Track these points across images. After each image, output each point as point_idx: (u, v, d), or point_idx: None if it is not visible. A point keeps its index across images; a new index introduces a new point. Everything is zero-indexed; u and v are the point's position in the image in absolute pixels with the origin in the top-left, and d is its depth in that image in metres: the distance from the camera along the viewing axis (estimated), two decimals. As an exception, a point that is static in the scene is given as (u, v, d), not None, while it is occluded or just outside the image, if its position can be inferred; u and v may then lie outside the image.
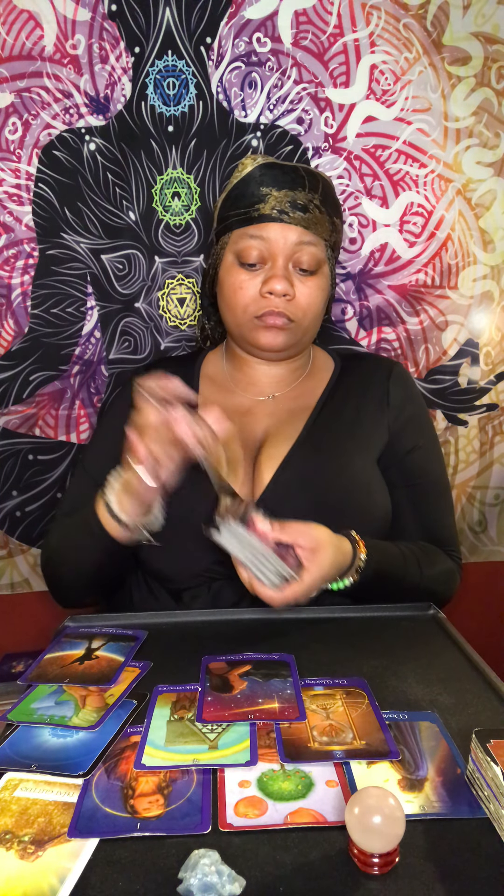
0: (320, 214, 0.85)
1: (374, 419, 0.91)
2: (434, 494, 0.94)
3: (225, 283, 0.89)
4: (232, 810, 0.49)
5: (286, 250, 0.84)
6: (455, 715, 0.60)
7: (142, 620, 0.80)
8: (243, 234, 0.86)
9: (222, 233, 0.89)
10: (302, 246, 0.85)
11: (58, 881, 0.43)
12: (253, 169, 0.86)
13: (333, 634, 0.76)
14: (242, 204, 0.85)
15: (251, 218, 0.84)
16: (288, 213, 0.83)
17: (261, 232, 0.84)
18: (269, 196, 0.83)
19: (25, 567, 1.20)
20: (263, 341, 0.87)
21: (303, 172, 0.85)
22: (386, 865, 0.43)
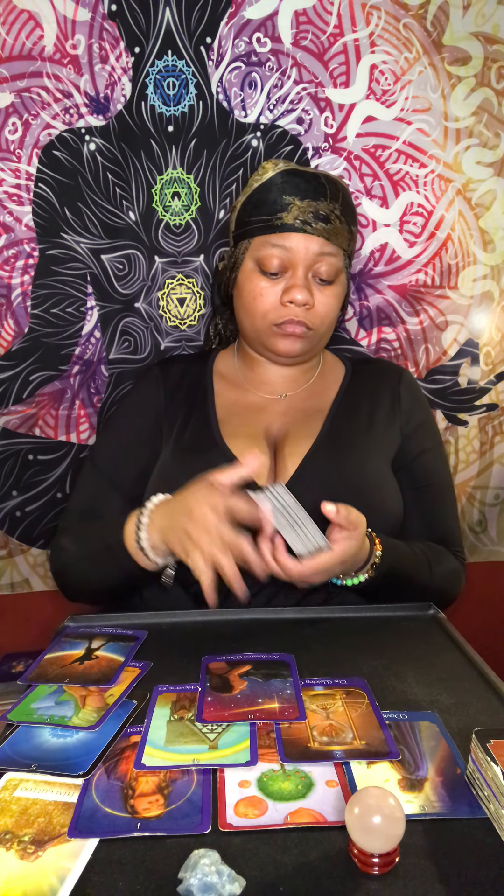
0: (340, 225, 0.86)
1: (387, 422, 0.93)
2: (440, 496, 0.95)
3: (244, 289, 0.89)
4: (232, 810, 0.49)
5: (307, 260, 0.85)
6: (455, 715, 0.60)
7: (142, 620, 0.80)
8: (265, 241, 0.86)
9: (242, 237, 0.89)
10: (322, 257, 0.85)
11: (58, 881, 0.43)
12: (274, 175, 0.86)
13: (333, 634, 0.76)
14: (264, 211, 0.85)
15: (273, 226, 0.85)
16: (311, 224, 0.83)
17: (283, 241, 0.84)
18: (291, 205, 0.84)
19: (25, 567, 1.20)
20: (281, 348, 0.89)
21: (324, 181, 0.85)
22: (386, 865, 0.43)
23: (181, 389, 0.95)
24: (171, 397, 0.95)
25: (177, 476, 0.83)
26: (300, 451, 0.87)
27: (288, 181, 0.85)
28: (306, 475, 0.85)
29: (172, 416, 0.93)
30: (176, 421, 0.92)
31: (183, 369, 0.98)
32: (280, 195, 0.84)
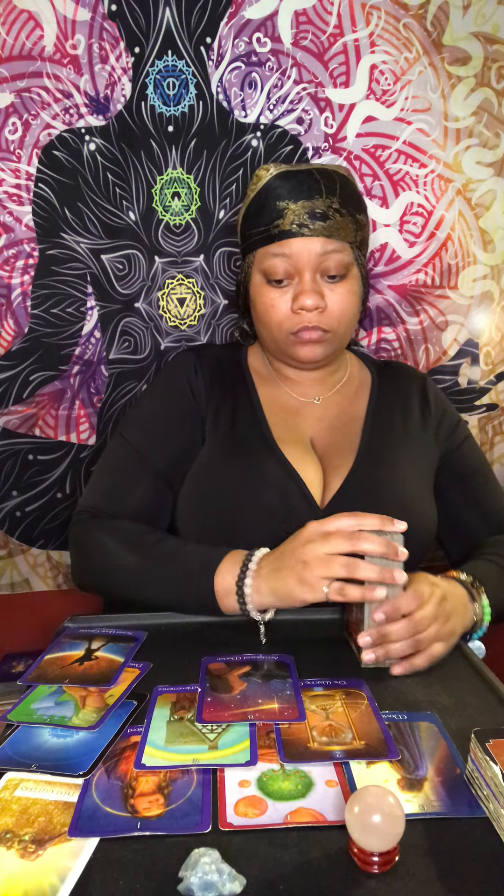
0: (341, 218, 0.83)
1: (421, 431, 0.93)
2: (487, 483, 0.95)
3: (257, 302, 0.88)
4: (232, 810, 0.49)
5: (311, 263, 0.83)
6: (454, 715, 0.61)
7: (141, 621, 0.80)
8: (266, 252, 0.84)
9: (247, 251, 0.88)
10: (327, 255, 0.82)
11: (58, 880, 0.43)
12: (268, 180, 0.84)
13: (333, 635, 0.76)
14: (262, 221, 0.84)
15: (272, 235, 0.83)
16: (308, 226, 0.81)
17: (283, 249, 0.82)
18: (286, 210, 0.81)
19: (25, 567, 1.20)
20: (302, 355, 0.87)
21: (317, 176, 0.82)
22: (385, 864, 0.44)
23: (220, 377, 0.92)
24: (210, 383, 0.91)
25: (230, 476, 0.83)
26: (345, 465, 0.85)
27: (281, 185, 0.82)
28: (351, 490, 0.83)
29: (216, 406, 0.89)
30: (220, 413, 0.89)
31: (218, 356, 0.95)
32: (274, 202, 0.82)
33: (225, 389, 0.91)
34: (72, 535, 0.87)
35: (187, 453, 0.88)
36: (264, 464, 0.84)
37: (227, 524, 0.81)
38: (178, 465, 0.87)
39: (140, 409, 0.93)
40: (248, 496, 0.81)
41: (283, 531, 0.77)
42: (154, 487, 0.86)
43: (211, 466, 0.85)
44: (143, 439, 0.88)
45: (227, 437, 0.87)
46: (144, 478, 0.87)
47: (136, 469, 0.87)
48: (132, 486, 0.87)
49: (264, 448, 0.85)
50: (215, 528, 0.81)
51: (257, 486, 0.82)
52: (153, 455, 0.87)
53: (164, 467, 0.87)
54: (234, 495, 0.82)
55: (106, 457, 0.91)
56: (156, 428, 0.89)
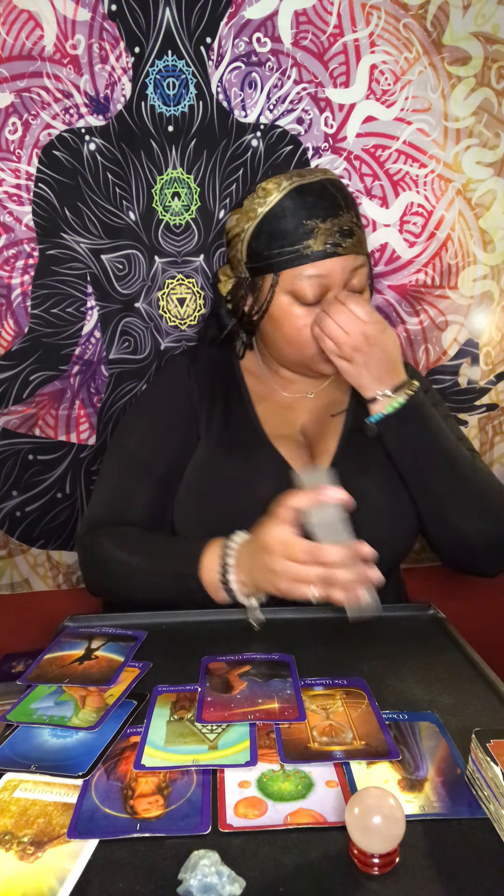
0: (360, 231, 0.83)
1: None
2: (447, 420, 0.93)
3: (285, 323, 0.85)
4: (232, 811, 0.49)
5: (342, 280, 0.82)
6: (455, 715, 0.60)
7: (141, 620, 0.80)
8: (297, 274, 0.81)
9: (263, 270, 0.84)
10: (355, 272, 0.82)
11: (57, 882, 0.43)
12: (283, 198, 0.81)
13: (333, 634, 0.76)
14: (287, 242, 0.81)
15: (303, 256, 0.80)
16: (341, 245, 0.80)
17: (318, 270, 0.81)
18: (316, 230, 0.80)
19: (25, 567, 1.20)
20: (327, 370, 0.87)
21: (333, 190, 0.82)
22: (386, 866, 0.43)
23: (212, 379, 0.93)
24: (203, 385, 0.92)
25: (225, 470, 0.84)
26: (331, 449, 0.88)
27: (300, 202, 0.80)
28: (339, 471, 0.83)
29: (209, 407, 0.90)
30: (214, 413, 0.90)
31: (210, 358, 0.96)
32: (300, 221, 0.80)
33: (217, 389, 0.92)
34: (80, 545, 0.88)
35: (185, 456, 0.88)
36: (257, 457, 0.85)
37: (222, 518, 0.81)
38: (176, 469, 0.88)
39: (136, 417, 0.94)
40: (242, 489, 0.83)
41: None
42: (155, 493, 0.87)
43: (206, 463, 0.87)
44: (141, 447, 0.89)
45: (220, 434, 0.88)
46: (145, 485, 0.87)
47: (136, 477, 0.88)
48: (134, 495, 0.88)
49: (257, 442, 0.87)
50: (211, 523, 0.82)
51: (251, 478, 0.83)
52: (152, 461, 0.88)
53: (164, 472, 0.87)
54: (228, 489, 0.83)
55: (106, 468, 0.92)
56: (153, 434, 0.90)
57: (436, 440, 0.82)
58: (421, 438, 0.82)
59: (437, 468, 0.82)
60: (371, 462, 0.86)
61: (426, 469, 0.82)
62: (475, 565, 0.87)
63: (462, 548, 0.84)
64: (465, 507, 0.82)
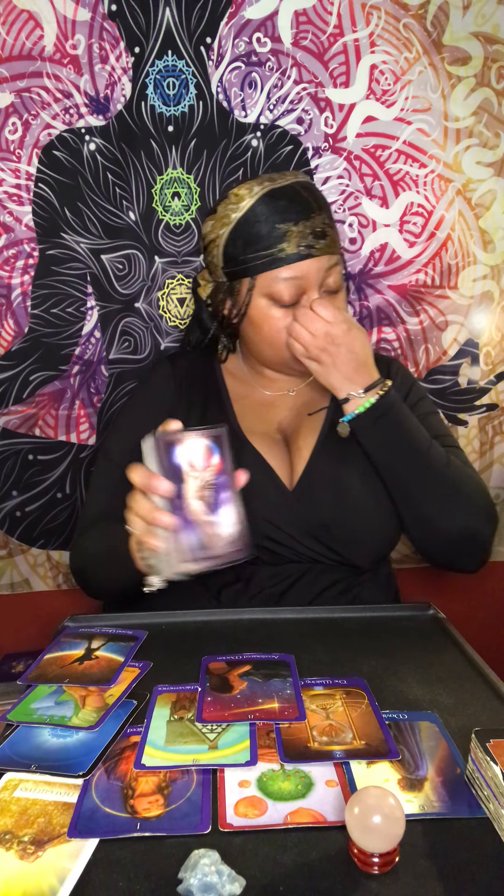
0: (332, 231, 0.84)
1: None
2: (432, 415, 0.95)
3: (263, 325, 0.87)
4: (232, 810, 0.49)
5: (318, 281, 0.84)
6: (455, 715, 0.60)
7: (141, 620, 0.80)
8: (273, 277, 0.83)
9: (240, 275, 0.86)
10: (330, 270, 0.84)
11: (57, 881, 0.43)
12: (255, 203, 0.83)
13: (333, 634, 0.76)
14: (261, 246, 0.82)
15: (278, 259, 0.82)
16: (314, 246, 0.82)
17: (292, 272, 0.82)
18: (289, 233, 0.81)
19: (25, 567, 1.20)
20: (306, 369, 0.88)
21: (305, 193, 0.83)
22: (386, 865, 0.43)
23: (192, 384, 0.95)
24: (182, 391, 0.94)
25: None
26: (309, 445, 0.88)
27: (273, 206, 0.82)
28: (318, 465, 0.87)
29: (187, 409, 0.92)
30: (192, 414, 0.92)
31: (191, 363, 0.98)
32: (273, 225, 0.81)
33: (197, 392, 0.94)
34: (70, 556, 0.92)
35: None
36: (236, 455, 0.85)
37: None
38: None
39: (120, 425, 0.97)
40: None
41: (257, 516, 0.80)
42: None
43: None
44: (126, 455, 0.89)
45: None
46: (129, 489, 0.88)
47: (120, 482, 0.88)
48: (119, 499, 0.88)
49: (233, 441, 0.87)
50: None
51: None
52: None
53: None
54: None
55: (94, 480, 0.95)
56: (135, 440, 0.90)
57: (409, 438, 0.83)
58: (394, 437, 0.83)
59: (410, 465, 0.83)
60: (351, 456, 0.86)
61: (399, 466, 0.83)
62: (452, 560, 0.88)
63: (438, 542, 0.85)
64: (438, 502, 0.82)
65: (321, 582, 0.85)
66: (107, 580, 0.86)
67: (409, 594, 0.99)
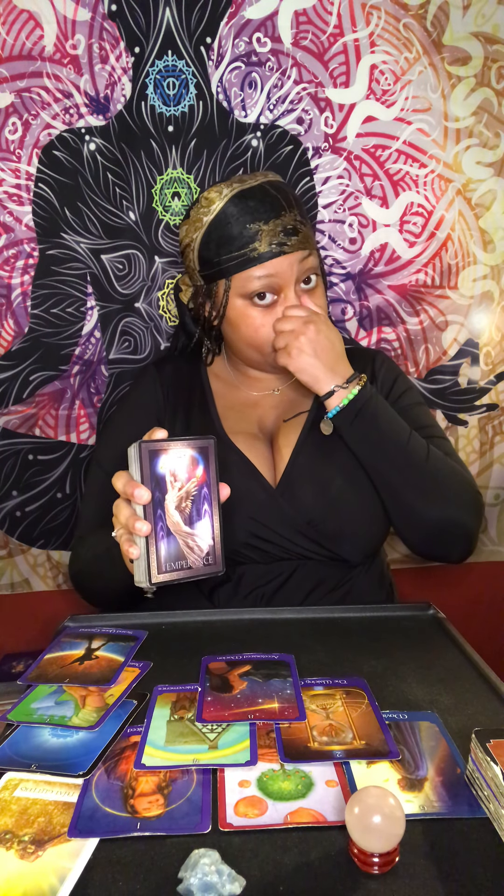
0: (305, 228, 0.86)
1: None
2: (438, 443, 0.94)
3: (242, 325, 0.88)
4: (232, 810, 0.49)
5: (293, 277, 0.85)
6: (455, 715, 0.60)
7: (142, 620, 0.80)
8: (247, 277, 0.85)
9: (216, 277, 0.88)
10: (303, 264, 0.85)
11: (58, 881, 0.43)
12: (225, 205, 0.85)
13: (333, 634, 0.76)
14: (234, 246, 0.84)
15: (251, 259, 0.84)
16: (286, 243, 0.83)
17: (266, 271, 0.84)
18: (260, 232, 0.83)
19: (25, 567, 1.20)
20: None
21: (274, 192, 0.85)
22: (386, 865, 0.43)
23: (178, 387, 0.97)
24: (169, 395, 0.96)
25: None
26: (290, 442, 0.89)
27: (243, 207, 0.84)
28: (300, 462, 0.87)
29: (172, 413, 0.94)
30: (177, 418, 0.94)
31: (176, 368, 0.99)
32: (244, 226, 0.83)
33: (184, 397, 0.95)
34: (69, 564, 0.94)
35: None
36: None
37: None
38: None
39: (109, 432, 0.99)
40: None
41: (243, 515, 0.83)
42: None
43: None
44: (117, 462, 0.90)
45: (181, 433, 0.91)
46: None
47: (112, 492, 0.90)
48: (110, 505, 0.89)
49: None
50: None
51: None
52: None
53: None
54: None
55: (88, 487, 0.97)
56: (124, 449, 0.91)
57: (389, 430, 0.84)
58: (374, 428, 0.83)
59: (390, 456, 0.84)
60: (332, 451, 0.87)
61: (382, 458, 0.84)
62: (436, 550, 0.88)
63: (420, 533, 0.86)
64: (421, 492, 0.83)
65: (313, 578, 0.86)
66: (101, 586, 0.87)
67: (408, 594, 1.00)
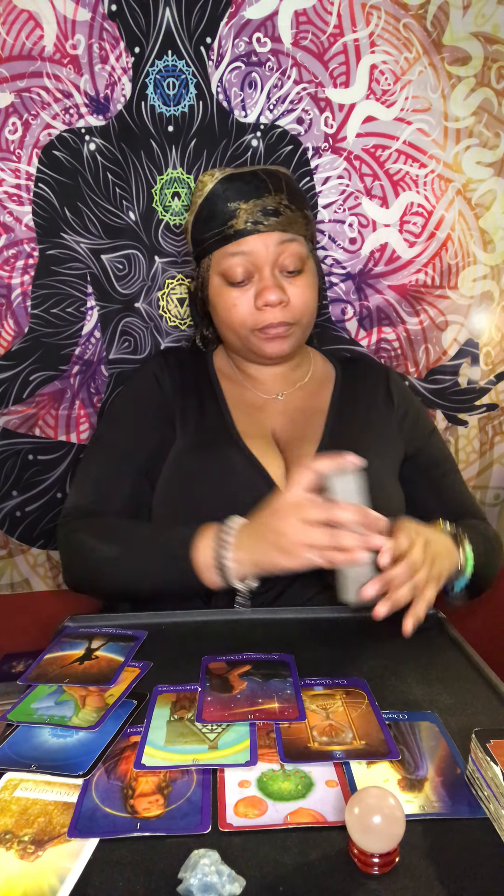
0: (292, 213, 0.85)
1: (384, 420, 0.95)
2: (451, 474, 0.97)
3: (218, 305, 0.89)
4: (232, 810, 0.49)
5: (269, 258, 0.85)
6: (455, 715, 0.60)
7: (141, 620, 0.80)
8: (224, 253, 0.86)
9: (201, 256, 0.90)
10: (283, 247, 0.85)
11: (58, 881, 0.43)
12: (214, 186, 0.86)
13: (333, 634, 0.76)
14: (215, 224, 0.85)
15: (227, 236, 0.84)
16: (262, 222, 0.83)
17: (240, 248, 0.84)
18: (238, 210, 0.83)
19: (25, 567, 1.20)
20: (269, 351, 0.89)
21: (263, 176, 0.85)
22: (386, 865, 0.43)
23: (186, 379, 0.95)
24: (177, 385, 0.94)
25: (198, 467, 0.85)
26: (306, 456, 0.87)
27: (229, 188, 0.85)
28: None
29: (183, 405, 0.92)
30: (187, 411, 0.91)
31: (182, 360, 0.98)
32: (225, 204, 0.84)
33: (192, 388, 0.94)
34: (59, 538, 0.88)
35: (163, 447, 0.90)
36: (228, 455, 0.86)
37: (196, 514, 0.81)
38: (155, 460, 0.89)
39: (115, 411, 0.96)
40: (215, 486, 0.84)
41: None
42: (135, 483, 0.88)
43: (180, 459, 0.88)
44: (121, 438, 0.91)
45: (194, 433, 0.89)
46: (125, 475, 0.89)
47: (116, 467, 0.89)
48: (114, 485, 0.89)
49: (229, 442, 0.87)
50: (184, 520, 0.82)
51: (223, 476, 0.84)
52: (131, 452, 0.89)
53: (143, 463, 0.89)
54: (202, 486, 0.84)
55: (87, 459, 0.94)
56: (132, 426, 0.91)
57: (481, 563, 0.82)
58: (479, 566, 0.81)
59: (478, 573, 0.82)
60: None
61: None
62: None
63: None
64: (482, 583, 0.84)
65: (313, 586, 0.85)
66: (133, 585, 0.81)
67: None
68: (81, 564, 0.85)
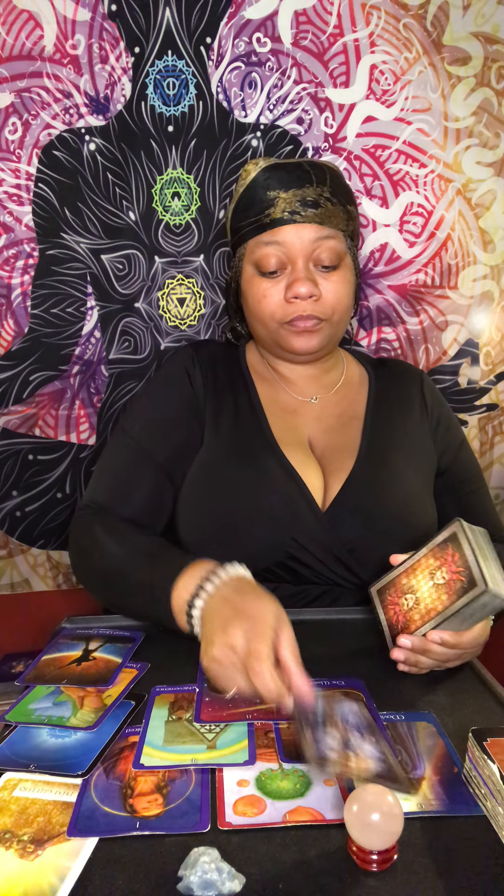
0: (332, 206, 0.82)
1: (420, 430, 0.92)
2: (478, 488, 0.95)
3: (249, 295, 0.87)
4: (231, 809, 0.49)
5: (304, 250, 0.82)
6: (451, 715, 0.61)
7: (139, 622, 0.80)
8: (258, 242, 0.84)
9: (238, 244, 0.88)
10: (320, 242, 0.82)
11: (58, 880, 0.43)
12: (257, 174, 0.84)
13: (332, 635, 0.76)
14: (252, 212, 0.84)
15: (263, 225, 0.82)
16: (299, 213, 0.81)
17: (275, 237, 0.82)
18: (277, 199, 0.81)
19: (25, 567, 1.20)
20: (297, 346, 0.86)
21: (307, 167, 0.83)
22: (384, 862, 0.44)
23: (218, 375, 0.91)
24: (208, 378, 0.90)
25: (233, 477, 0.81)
26: (345, 468, 0.84)
27: (271, 176, 0.82)
28: (351, 493, 0.82)
29: (215, 403, 0.88)
30: (221, 410, 0.88)
31: (214, 353, 0.94)
32: (265, 192, 0.82)
33: (224, 386, 0.90)
34: (72, 530, 0.84)
35: (188, 446, 0.86)
36: (266, 466, 0.82)
37: (228, 527, 0.79)
38: (179, 458, 0.85)
39: (140, 404, 0.91)
40: (249, 499, 0.80)
41: (285, 534, 0.78)
42: (156, 481, 0.85)
43: (212, 467, 0.84)
44: (144, 433, 0.87)
45: (228, 437, 0.85)
46: (146, 471, 0.85)
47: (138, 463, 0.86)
48: (135, 480, 0.85)
49: (266, 450, 0.84)
50: (217, 531, 0.80)
51: (259, 488, 0.80)
52: (155, 448, 0.85)
53: (166, 460, 0.85)
54: (235, 497, 0.80)
55: (108, 452, 0.89)
56: (156, 421, 0.88)
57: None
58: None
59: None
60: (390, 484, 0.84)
61: None
62: None
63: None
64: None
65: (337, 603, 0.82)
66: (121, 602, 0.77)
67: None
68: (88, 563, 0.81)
